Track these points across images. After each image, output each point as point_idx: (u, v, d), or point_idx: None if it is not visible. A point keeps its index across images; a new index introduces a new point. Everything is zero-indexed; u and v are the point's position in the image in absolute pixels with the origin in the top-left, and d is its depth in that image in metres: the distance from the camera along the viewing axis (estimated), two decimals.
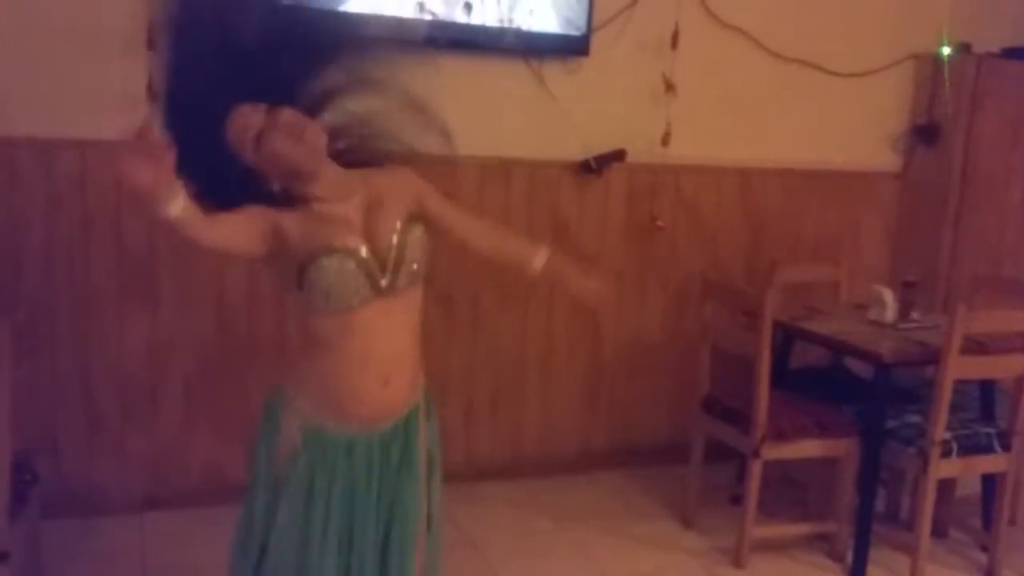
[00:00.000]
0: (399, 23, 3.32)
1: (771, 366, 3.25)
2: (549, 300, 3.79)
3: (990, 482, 3.43)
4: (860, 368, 3.61)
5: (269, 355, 3.46)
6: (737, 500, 3.50)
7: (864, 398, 3.42)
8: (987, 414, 3.46)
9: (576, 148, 3.72)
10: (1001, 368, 3.27)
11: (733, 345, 3.44)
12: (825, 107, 4.17)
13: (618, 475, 3.95)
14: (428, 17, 3.36)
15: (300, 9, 2.12)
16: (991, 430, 3.30)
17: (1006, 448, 3.27)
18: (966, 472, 3.32)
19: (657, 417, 4.08)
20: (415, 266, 1.90)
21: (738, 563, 3.29)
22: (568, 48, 3.61)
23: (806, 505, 3.66)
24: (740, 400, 3.32)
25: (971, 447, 3.22)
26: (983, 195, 4.22)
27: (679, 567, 3.32)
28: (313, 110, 1.87)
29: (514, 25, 3.48)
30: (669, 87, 3.74)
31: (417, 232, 1.92)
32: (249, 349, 3.44)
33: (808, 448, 3.29)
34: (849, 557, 3.30)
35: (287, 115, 1.78)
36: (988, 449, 3.25)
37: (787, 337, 3.67)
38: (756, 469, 3.24)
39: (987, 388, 3.48)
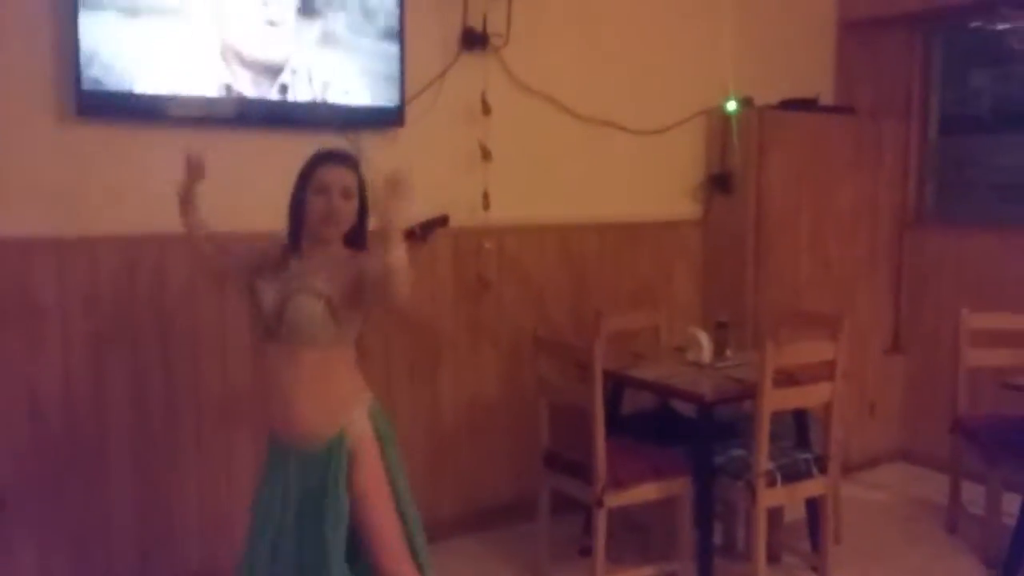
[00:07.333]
0: (207, 102, 3.27)
1: (604, 415, 3.36)
2: (386, 365, 3.77)
3: (813, 505, 3.67)
4: (684, 407, 3.79)
5: (90, 457, 3.26)
6: (585, 551, 3.58)
7: (691, 437, 3.58)
8: (802, 441, 3.72)
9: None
10: (811, 397, 3.52)
11: (567, 398, 3.54)
12: (630, 163, 4.41)
13: (470, 540, 3.94)
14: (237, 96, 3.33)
15: None
16: (808, 456, 3.54)
17: (823, 471, 3.51)
18: (791, 499, 3.54)
19: (500, 476, 4.13)
20: (295, 327, 2.36)
21: None
22: (384, 120, 3.65)
23: (650, 547, 3.79)
24: (579, 452, 3.40)
25: (793, 474, 3.44)
26: (777, 235, 4.56)
27: None
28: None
29: (330, 101, 3.50)
30: (485, 153, 3.85)
31: (305, 305, 2.35)
32: (68, 454, 3.22)
33: (647, 492, 3.41)
34: None
35: (351, 189, 2.43)
36: (807, 474, 3.48)
37: (616, 384, 3.82)
38: (601, 518, 3.32)
39: (800, 416, 3.74)
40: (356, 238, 2.50)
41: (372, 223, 2.40)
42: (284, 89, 3.41)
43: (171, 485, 3.42)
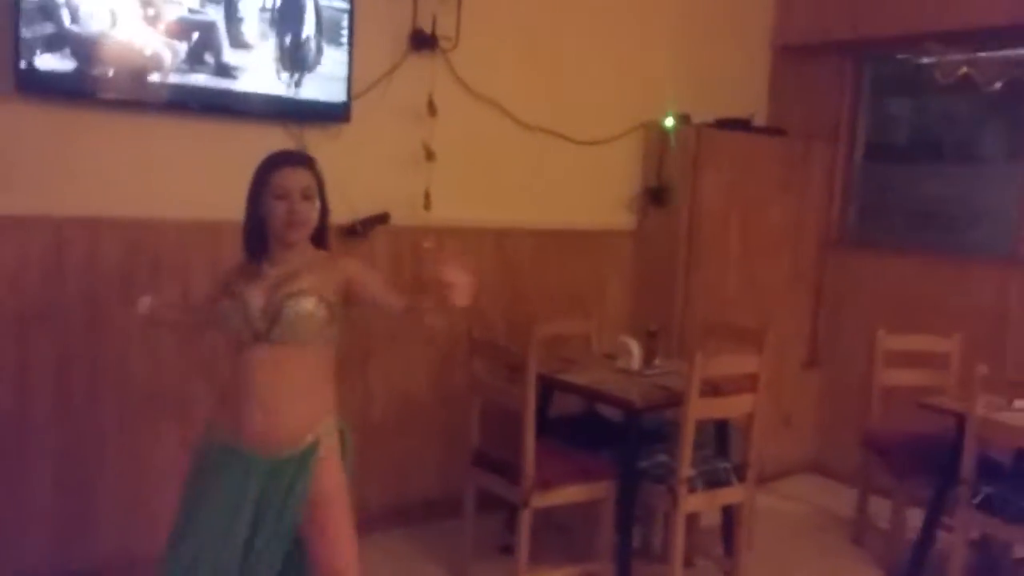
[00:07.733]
0: (149, 86, 3.23)
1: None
2: None
3: (728, 512, 3.80)
4: (610, 412, 3.87)
5: (6, 442, 3.16)
6: (507, 549, 3.64)
7: (617, 442, 3.67)
8: (722, 450, 3.84)
9: (343, 212, 3.71)
10: (735, 407, 3.65)
11: (499, 399, 3.59)
12: (569, 172, 4.50)
13: (395, 535, 3.97)
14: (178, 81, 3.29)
15: None
16: (727, 464, 3.67)
17: (741, 480, 3.64)
18: (710, 505, 3.66)
19: (428, 473, 4.17)
20: (293, 329, 2.33)
21: None
22: (329, 115, 3.65)
23: (571, 547, 3.87)
24: (508, 452, 3.46)
25: (712, 481, 3.56)
26: (708, 249, 4.69)
27: None
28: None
29: (275, 93, 3.50)
30: (429, 154, 3.89)
31: (306, 305, 2.33)
32: None
33: (572, 494, 3.48)
34: None
35: (311, 190, 2.38)
36: (726, 482, 3.61)
37: (547, 388, 3.89)
38: (526, 518, 3.39)
39: (722, 426, 3.86)
40: (320, 236, 2.46)
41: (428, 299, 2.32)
42: (229, 77, 3.40)
43: (91, 472, 3.35)
